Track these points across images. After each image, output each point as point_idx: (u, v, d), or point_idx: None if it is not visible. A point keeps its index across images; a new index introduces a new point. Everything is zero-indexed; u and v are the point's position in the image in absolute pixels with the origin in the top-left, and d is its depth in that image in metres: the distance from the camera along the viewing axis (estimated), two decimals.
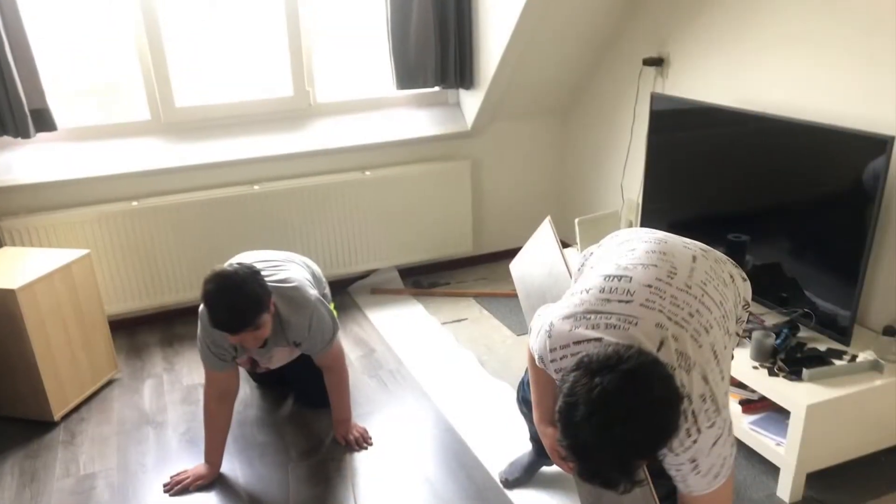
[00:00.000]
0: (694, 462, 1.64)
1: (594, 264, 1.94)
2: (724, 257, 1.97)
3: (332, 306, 3.03)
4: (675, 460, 1.65)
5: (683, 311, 1.68)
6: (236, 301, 2.38)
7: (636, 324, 1.64)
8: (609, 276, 1.77)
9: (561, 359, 1.71)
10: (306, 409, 3.18)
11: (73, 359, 3.18)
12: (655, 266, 1.78)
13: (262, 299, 2.45)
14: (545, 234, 2.52)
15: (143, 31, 3.61)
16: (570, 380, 1.47)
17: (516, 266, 2.66)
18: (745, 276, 1.99)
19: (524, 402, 2.45)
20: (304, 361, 2.93)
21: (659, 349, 1.60)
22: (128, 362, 3.62)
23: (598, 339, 1.64)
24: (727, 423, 1.67)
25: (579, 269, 2.07)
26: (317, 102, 4.10)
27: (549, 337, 1.74)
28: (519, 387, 2.51)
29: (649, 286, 1.72)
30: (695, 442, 1.61)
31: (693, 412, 1.58)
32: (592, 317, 1.68)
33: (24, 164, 3.55)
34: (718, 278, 1.84)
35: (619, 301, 1.69)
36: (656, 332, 1.62)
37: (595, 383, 1.42)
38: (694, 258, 1.84)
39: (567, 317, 1.72)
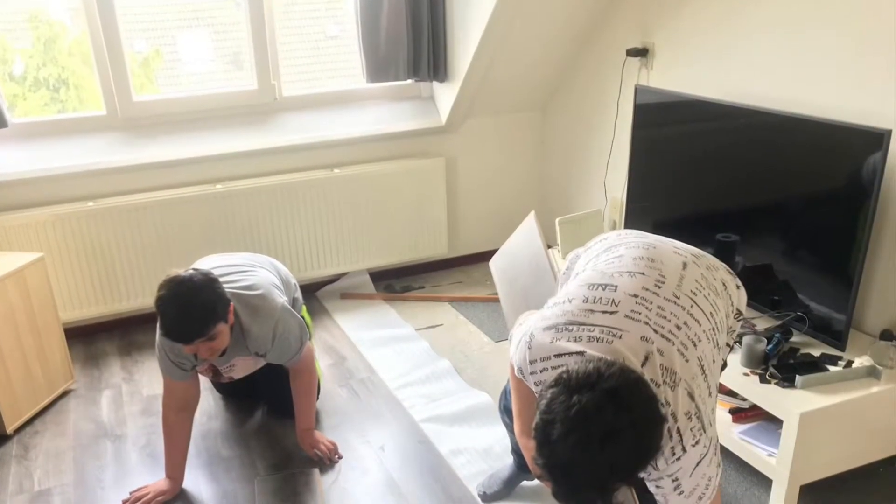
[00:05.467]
0: (676, 481, 1.62)
1: (580, 270, 1.91)
2: (718, 263, 1.93)
3: (303, 311, 2.94)
4: (656, 475, 1.63)
5: (670, 322, 1.65)
6: (188, 310, 2.33)
7: (620, 336, 1.61)
8: (593, 285, 1.73)
9: (541, 371, 1.67)
10: (275, 420, 3.12)
11: (27, 368, 3.11)
12: (643, 274, 1.74)
13: (218, 309, 2.40)
14: (529, 229, 2.49)
15: (97, 20, 3.50)
16: (549, 396, 1.43)
17: (497, 262, 2.63)
18: (740, 284, 1.95)
19: (507, 412, 2.42)
20: (275, 367, 2.86)
21: (643, 364, 1.58)
22: (84, 372, 3.55)
23: (581, 353, 1.60)
24: (713, 441, 1.65)
25: (565, 273, 2.05)
26: (283, 96, 4.02)
27: (530, 349, 1.69)
28: (501, 395, 2.50)
29: (635, 296, 1.69)
30: (678, 460, 1.59)
31: (678, 430, 1.56)
32: (575, 328, 1.65)
33: None
34: (710, 287, 1.81)
35: (603, 312, 1.66)
36: (641, 346, 1.60)
37: (573, 402, 1.37)
38: (684, 265, 1.81)
39: (548, 328, 1.69)
